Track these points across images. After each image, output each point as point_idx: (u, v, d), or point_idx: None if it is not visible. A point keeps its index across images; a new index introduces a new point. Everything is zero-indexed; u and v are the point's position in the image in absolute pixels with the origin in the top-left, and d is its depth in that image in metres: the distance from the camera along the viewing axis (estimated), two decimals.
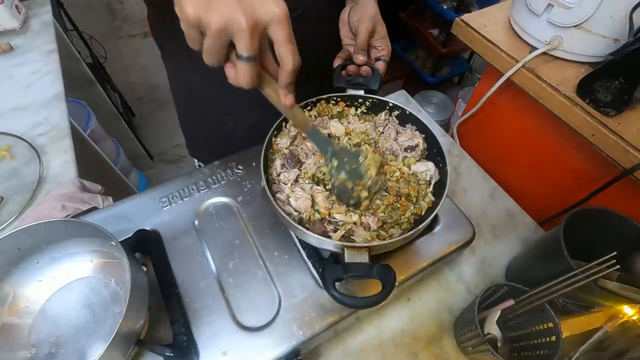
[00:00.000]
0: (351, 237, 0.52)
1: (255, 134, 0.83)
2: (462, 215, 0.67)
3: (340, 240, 0.50)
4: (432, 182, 0.59)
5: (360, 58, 0.63)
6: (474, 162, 0.88)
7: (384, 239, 0.52)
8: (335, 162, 0.52)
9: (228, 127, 0.84)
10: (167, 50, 0.78)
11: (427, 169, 0.59)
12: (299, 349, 0.53)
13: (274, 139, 0.61)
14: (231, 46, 0.38)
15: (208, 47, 0.37)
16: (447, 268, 0.71)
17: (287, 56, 0.39)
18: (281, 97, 0.44)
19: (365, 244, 0.48)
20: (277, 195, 0.55)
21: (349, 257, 0.46)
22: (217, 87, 0.76)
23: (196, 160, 1.02)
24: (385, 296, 0.44)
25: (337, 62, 0.67)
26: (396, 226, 0.55)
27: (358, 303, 0.45)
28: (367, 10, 0.65)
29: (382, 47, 0.66)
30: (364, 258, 0.46)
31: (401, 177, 0.58)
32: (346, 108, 0.67)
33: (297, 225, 0.49)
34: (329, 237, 0.51)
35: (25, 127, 0.91)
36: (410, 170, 0.60)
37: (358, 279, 0.55)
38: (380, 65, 0.66)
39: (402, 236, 0.50)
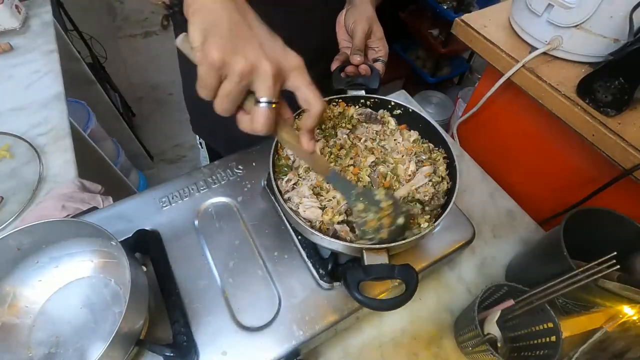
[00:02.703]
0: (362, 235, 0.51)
1: None
2: (462, 215, 0.67)
3: (358, 242, 0.49)
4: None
5: (357, 59, 0.64)
6: (474, 162, 0.88)
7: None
8: (361, 206, 0.49)
9: None
10: (178, 17, 0.78)
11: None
12: (299, 349, 0.53)
13: (279, 145, 0.60)
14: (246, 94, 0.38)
15: (228, 91, 0.37)
16: (447, 268, 0.71)
17: (314, 98, 0.40)
18: (304, 142, 0.43)
19: (384, 245, 0.47)
20: (287, 204, 0.54)
21: (368, 259, 0.46)
22: None
23: (198, 137, 1.01)
24: (410, 296, 0.44)
25: (335, 65, 0.67)
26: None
27: (383, 305, 0.44)
28: (363, 12, 0.65)
29: (379, 48, 0.67)
30: (383, 259, 0.46)
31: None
32: (347, 107, 0.67)
33: (312, 231, 0.48)
34: (347, 240, 0.50)
35: (25, 127, 0.91)
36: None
37: (380, 281, 0.52)
38: (379, 66, 0.66)
39: (419, 235, 0.49)
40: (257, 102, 0.38)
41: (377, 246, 0.47)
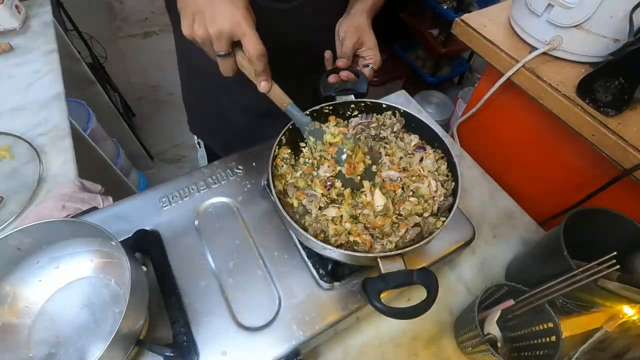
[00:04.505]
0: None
1: (248, 115, 0.85)
2: (462, 215, 0.67)
3: (373, 252, 0.49)
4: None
5: (341, 61, 0.65)
6: (474, 162, 0.88)
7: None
8: (312, 138, 0.60)
9: (224, 106, 0.86)
10: (177, 23, 0.79)
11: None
12: (299, 349, 0.53)
13: (276, 151, 0.59)
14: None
15: (204, 49, 0.51)
16: (447, 268, 0.71)
17: (251, 46, 0.48)
18: (259, 86, 0.53)
19: (399, 251, 0.46)
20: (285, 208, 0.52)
21: (385, 267, 0.45)
22: (215, 65, 0.77)
23: (195, 137, 1.02)
24: (433, 301, 0.43)
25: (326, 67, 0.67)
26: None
27: (406, 313, 0.44)
28: (355, 22, 0.66)
29: (370, 57, 0.67)
30: (400, 265, 0.45)
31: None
32: (339, 121, 0.65)
33: (325, 245, 0.47)
34: (361, 250, 0.50)
35: (25, 127, 0.91)
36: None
37: (399, 288, 0.51)
38: (366, 71, 0.66)
39: (432, 236, 0.49)
40: (216, 54, 0.50)
41: (392, 253, 0.46)
